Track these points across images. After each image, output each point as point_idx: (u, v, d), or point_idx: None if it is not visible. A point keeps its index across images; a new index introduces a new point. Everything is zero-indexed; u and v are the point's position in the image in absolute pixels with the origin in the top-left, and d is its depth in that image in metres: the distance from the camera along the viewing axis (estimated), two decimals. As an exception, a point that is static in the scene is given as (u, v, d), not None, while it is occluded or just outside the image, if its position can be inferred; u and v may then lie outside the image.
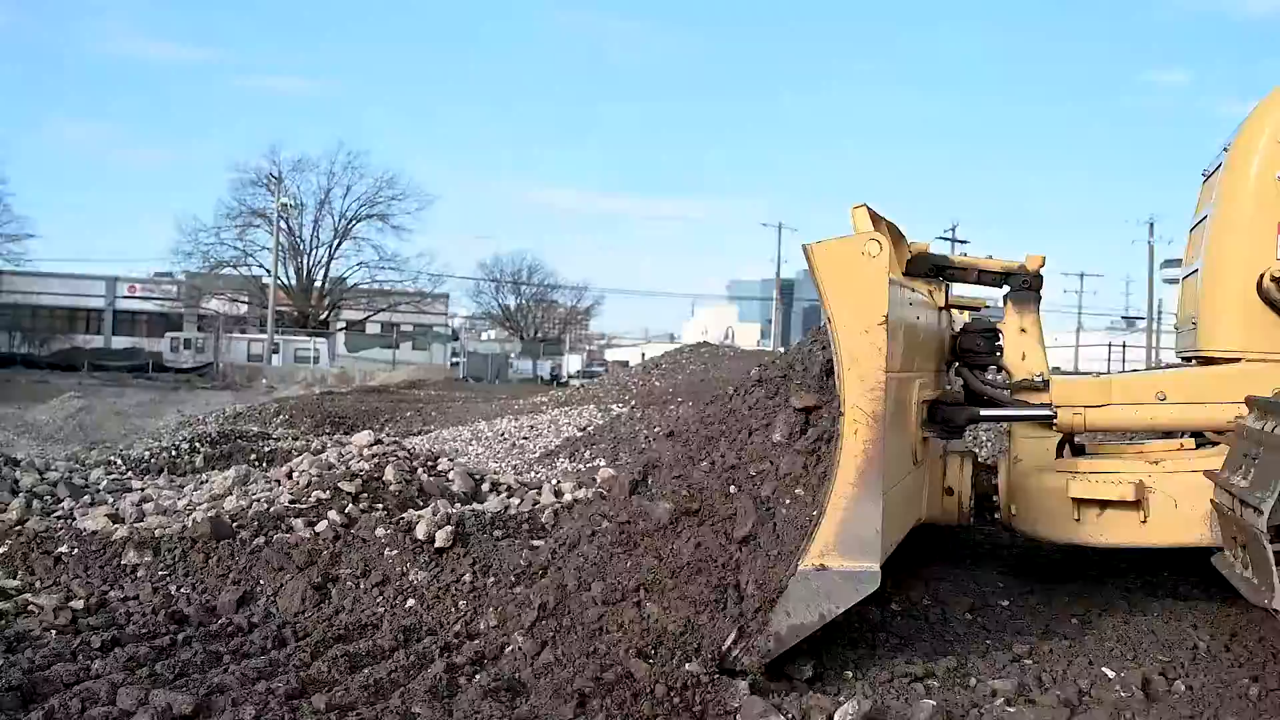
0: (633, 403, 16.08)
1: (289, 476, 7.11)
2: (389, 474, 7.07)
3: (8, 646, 4.48)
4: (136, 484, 7.92)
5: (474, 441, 13.56)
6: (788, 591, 4.07)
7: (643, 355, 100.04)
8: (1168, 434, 6.47)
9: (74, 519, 6.46)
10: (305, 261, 65.61)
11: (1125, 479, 5.69)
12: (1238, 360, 5.84)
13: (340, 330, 67.92)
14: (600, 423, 14.04)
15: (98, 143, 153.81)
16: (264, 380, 45.19)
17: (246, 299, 66.02)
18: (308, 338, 61.13)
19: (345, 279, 67.22)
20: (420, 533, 5.87)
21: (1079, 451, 6.41)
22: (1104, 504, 5.75)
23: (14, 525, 6.17)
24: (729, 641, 4.12)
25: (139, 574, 5.65)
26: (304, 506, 6.44)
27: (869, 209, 5.65)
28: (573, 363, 77.16)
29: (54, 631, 4.78)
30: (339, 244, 66.26)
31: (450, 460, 8.50)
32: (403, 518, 6.23)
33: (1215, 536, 5.42)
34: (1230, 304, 5.85)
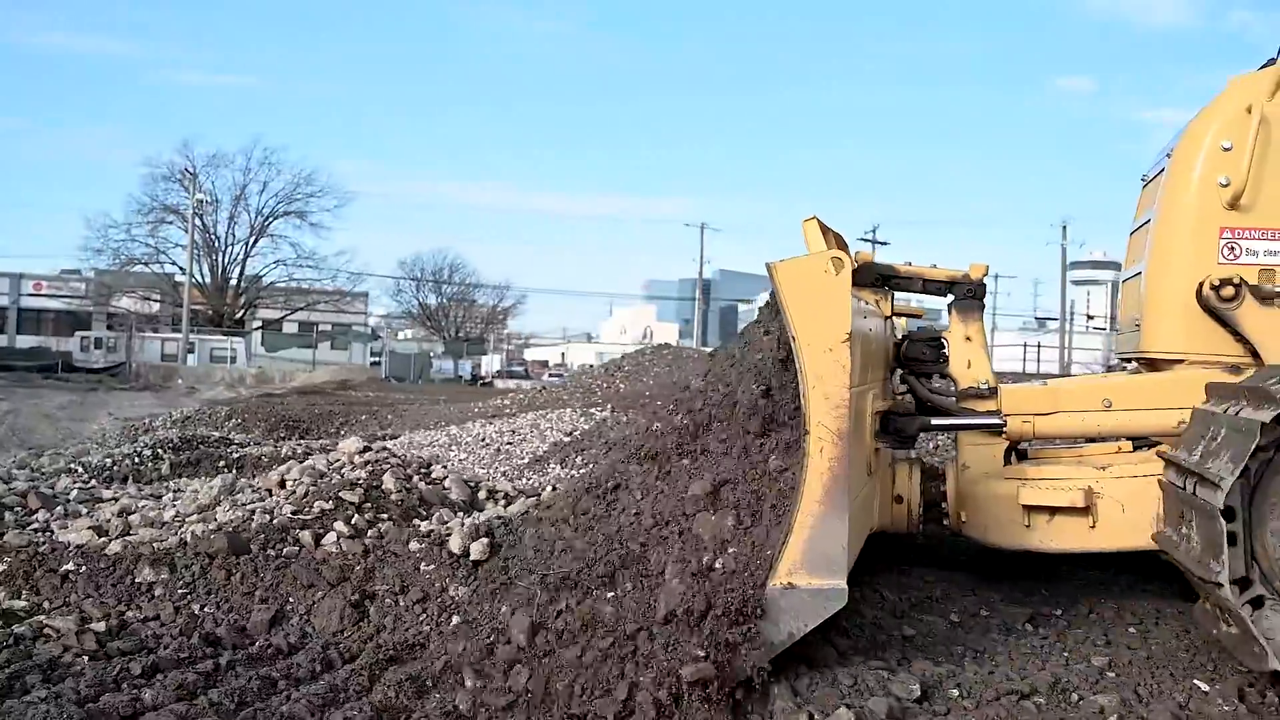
0: (610, 406, 15.88)
1: (281, 485, 6.88)
2: (388, 482, 6.86)
3: (44, 675, 4.25)
4: (107, 493, 7.59)
5: (454, 447, 13.13)
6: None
7: (562, 355, 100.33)
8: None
9: (52, 531, 6.16)
10: (220, 259, 64.33)
11: (1074, 485, 5.76)
12: (1180, 362, 5.94)
13: (256, 329, 66.62)
14: (586, 427, 13.80)
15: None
16: (179, 380, 44.17)
17: (159, 297, 64.48)
18: (224, 337, 59.87)
19: (261, 277, 66.05)
20: (455, 545, 5.69)
21: (1022, 457, 6.49)
22: (1054, 510, 5.82)
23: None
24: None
25: (156, 592, 5.39)
26: (308, 518, 6.20)
27: (819, 221, 5.65)
28: (491, 363, 76.77)
29: (86, 657, 4.52)
30: (255, 241, 65.10)
31: (444, 467, 8.24)
32: (432, 530, 6.05)
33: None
34: (1172, 308, 5.94)
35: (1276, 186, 5.72)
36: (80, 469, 9.42)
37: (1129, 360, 6.87)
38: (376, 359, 68.31)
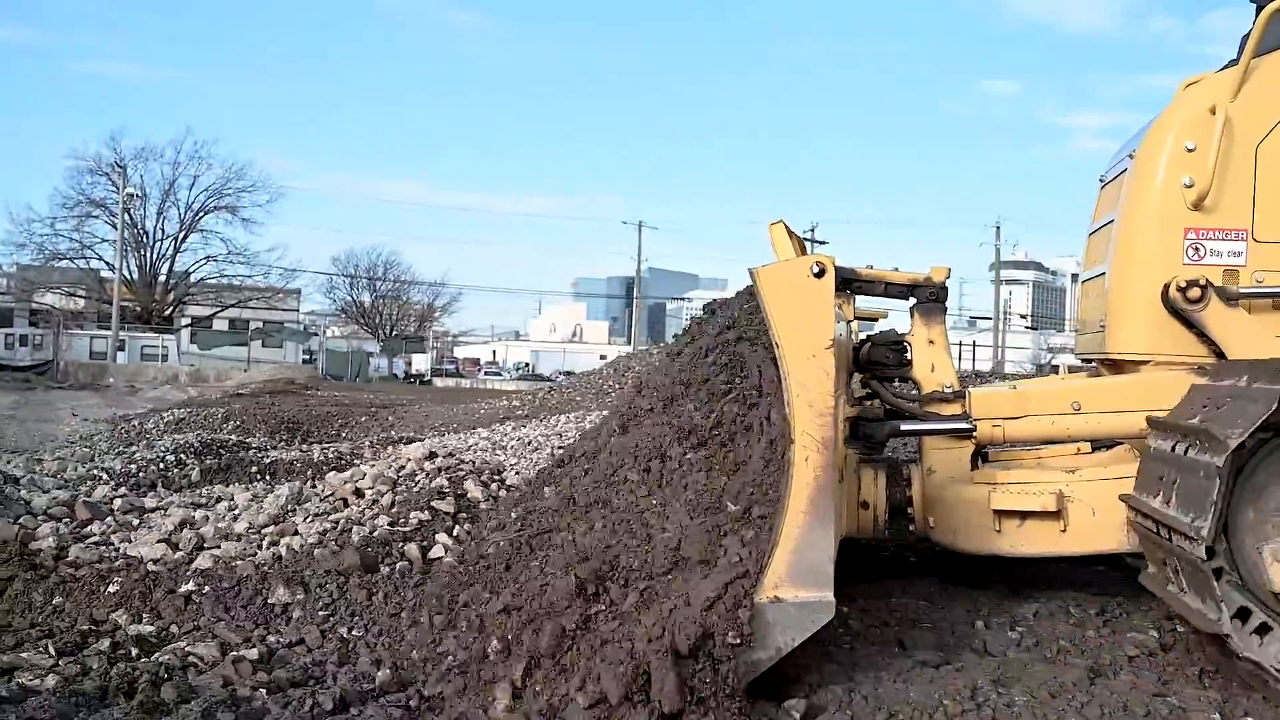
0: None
1: (358, 495, 6.64)
2: (473, 490, 6.66)
3: (235, 714, 3.82)
4: (149, 501, 7.25)
5: (499, 450, 12.60)
6: (743, 627, 3.91)
7: (494, 353, 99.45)
8: None
9: (112, 544, 5.83)
10: (149, 255, 62.99)
11: (1045, 489, 5.71)
12: (1145, 363, 5.93)
13: (185, 326, 65.29)
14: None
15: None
16: (110, 379, 43.12)
17: (84, 293, 62.96)
18: (155, 335, 58.62)
19: (191, 273, 64.83)
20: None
21: (983, 460, 6.45)
22: (1024, 514, 5.78)
23: (58, 555, 5.50)
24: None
25: (294, 614, 5.10)
26: (407, 529, 5.95)
27: (785, 225, 5.54)
28: (424, 361, 76.11)
29: (263, 690, 4.14)
30: (185, 237, 63.88)
31: (516, 473, 8.02)
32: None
33: (1132, 543, 5.50)
34: (1137, 309, 5.91)
35: (1239, 187, 5.73)
36: (104, 475, 9.03)
37: (1089, 361, 6.87)
38: (309, 357, 67.36)
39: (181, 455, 10.52)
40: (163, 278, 63.87)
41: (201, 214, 63.78)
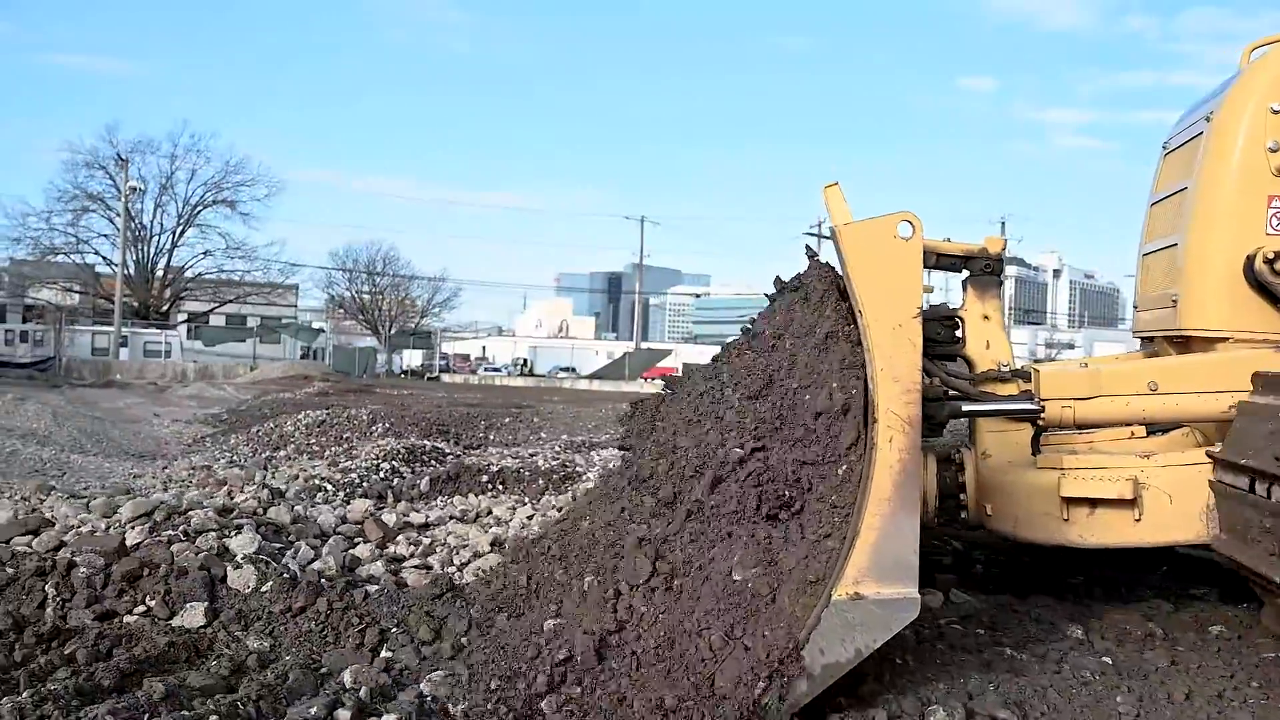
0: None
1: None
2: None
3: None
4: (414, 518, 7.16)
5: None
6: (821, 625, 3.48)
7: (483, 349, 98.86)
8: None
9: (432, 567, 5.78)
10: (146, 250, 62.34)
11: (1120, 475, 5.25)
12: (1224, 340, 5.52)
13: (184, 323, 64.68)
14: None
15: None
16: (118, 376, 42.57)
17: (80, 289, 62.28)
18: (157, 331, 58.04)
19: (188, 268, 64.21)
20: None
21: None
22: (1095, 502, 5.34)
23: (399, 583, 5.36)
24: (759, 689, 3.51)
25: None
26: None
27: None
28: (413, 358, 75.75)
29: None
30: (183, 231, 63.26)
31: None
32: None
33: (1211, 532, 5.08)
34: (1216, 283, 5.51)
35: None
36: (329, 487, 8.71)
37: (1149, 339, 6.44)
38: (305, 353, 66.75)
39: (393, 464, 10.20)
40: (160, 273, 63.23)
41: (200, 208, 63.23)
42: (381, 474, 9.71)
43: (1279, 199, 5.39)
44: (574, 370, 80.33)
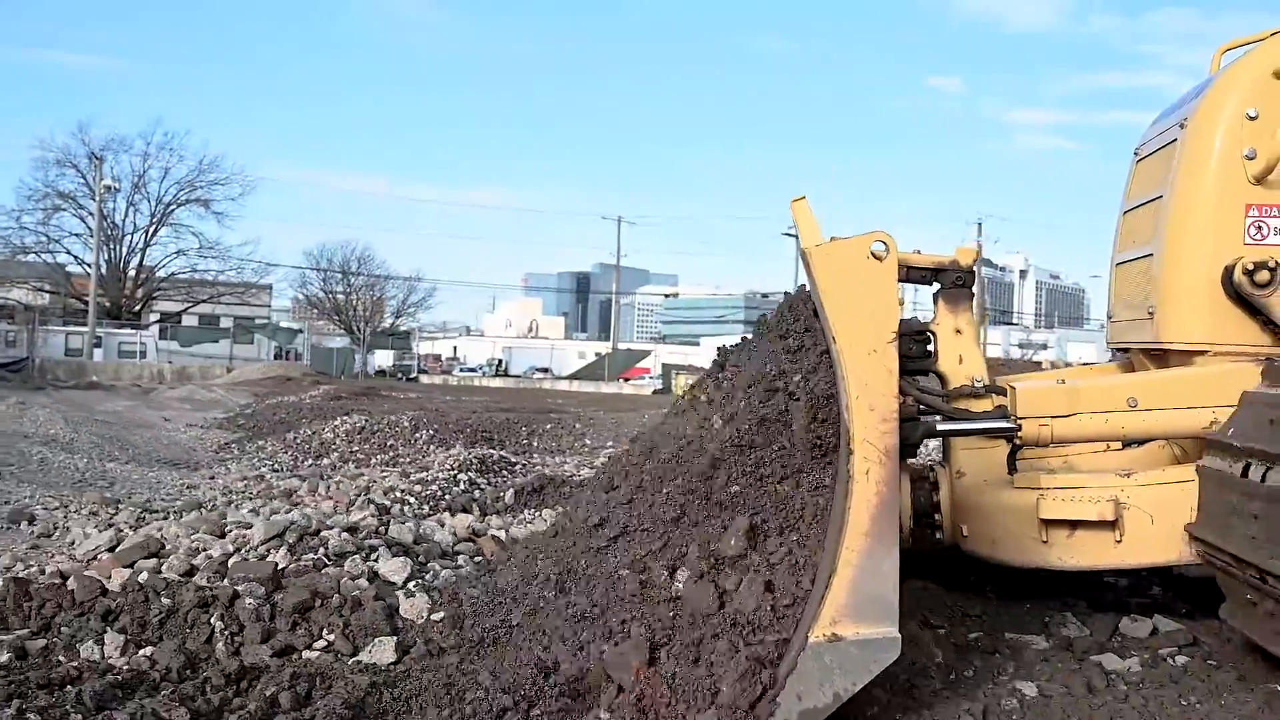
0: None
1: None
2: None
3: None
4: (518, 531, 7.02)
5: None
6: (797, 669, 3.33)
7: (454, 349, 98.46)
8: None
9: None
10: (119, 249, 61.67)
11: (1100, 496, 5.13)
12: (1203, 353, 5.41)
13: (156, 323, 63.98)
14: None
15: None
16: (94, 377, 41.89)
17: (50, 288, 61.50)
18: (132, 331, 57.41)
19: (160, 267, 63.59)
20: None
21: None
22: (1074, 524, 5.21)
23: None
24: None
25: None
26: None
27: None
28: (385, 358, 75.36)
29: None
30: (156, 230, 62.60)
31: None
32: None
33: (1192, 554, 4.97)
34: (1194, 294, 5.40)
35: None
36: (412, 500, 8.50)
37: (1123, 350, 6.33)
38: (279, 353, 66.19)
39: (470, 475, 10.03)
40: (133, 273, 62.58)
41: (173, 207, 62.60)
42: (461, 485, 9.54)
43: (1256, 208, 5.28)
44: (550, 371, 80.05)
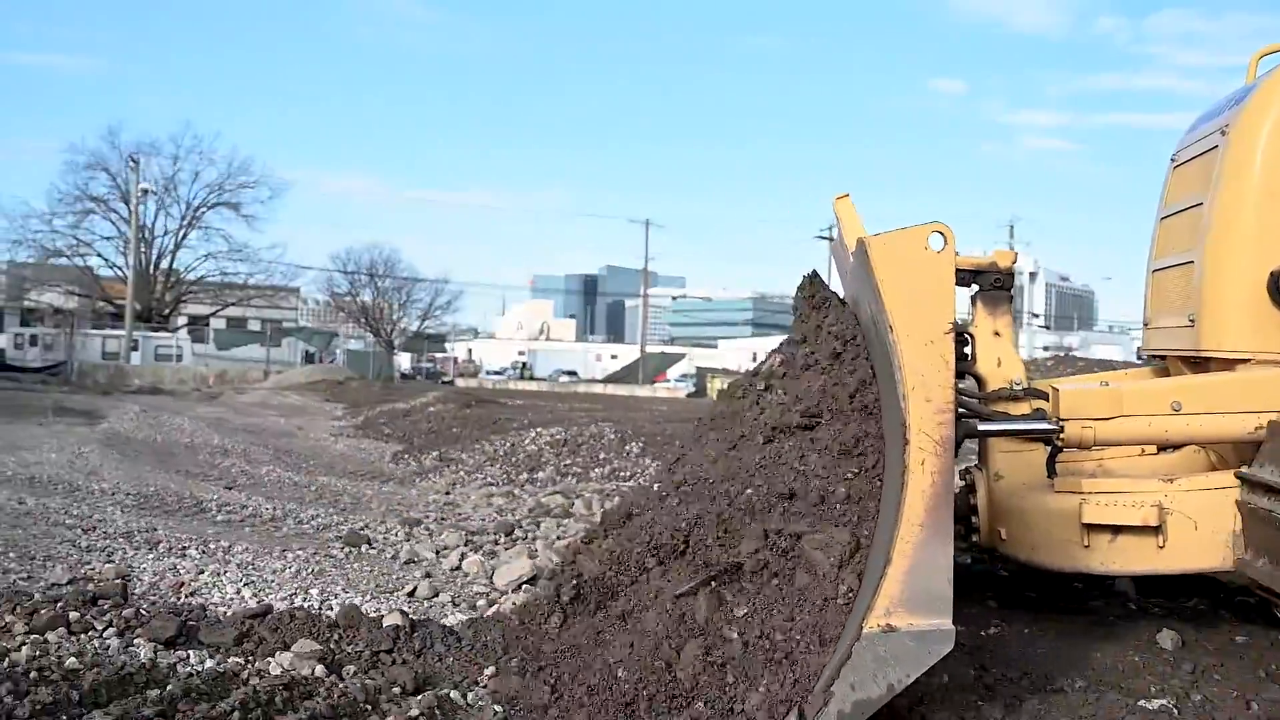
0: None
1: None
2: None
3: None
4: None
5: None
6: (852, 659, 3.35)
7: (469, 351, 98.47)
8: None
9: None
10: (149, 252, 62.05)
11: (1144, 501, 5.12)
12: (1245, 361, 5.39)
13: (183, 326, 64.30)
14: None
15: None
16: (137, 381, 41.87)
17: (80, 292, 61.87)
18: (168, 335, 57.72)
19: (189, 271, 63.93)
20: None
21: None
22: (1117, 529, 5.20)
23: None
24: (789, 723, 3.39)
25: None
26: None
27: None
28: (402, 360, 75.70)
29: None
30: (186, 234, 62.97)
31: None
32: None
33: (1236, 561, 4.96)
34: (1237, 302, 5.39)
35: None
36: None
37: (1159, 357, 6.31)
38: (308, 357, 66.47)
39: None
40: (163, 276, 62.90)
41: (203, 210, 62.95)
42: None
43: None
44: (576, 374, 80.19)
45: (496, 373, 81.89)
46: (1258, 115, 5.42)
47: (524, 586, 6.08)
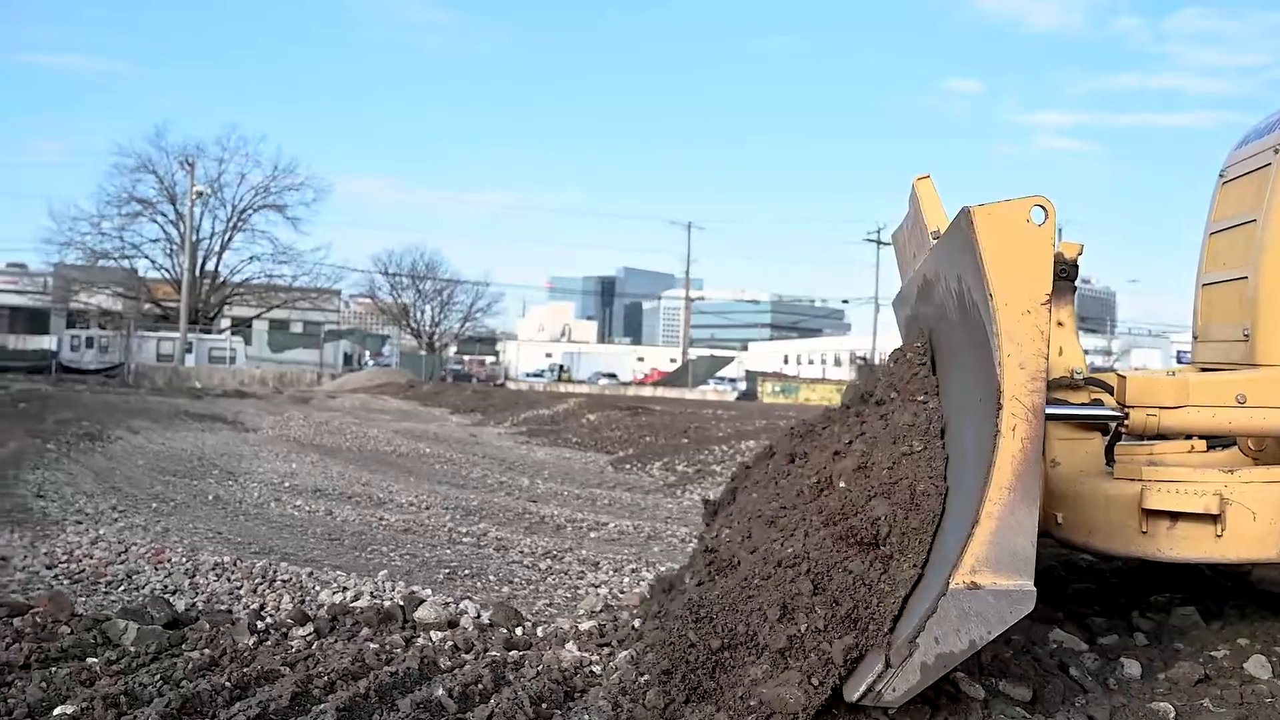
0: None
1: None
2: None
3: None
4: None
5: None
6: (937, 614, 3.50)
7: (497, 352, 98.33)
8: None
9: None
10: (195, 254, 62.78)
11: (1205, 490, 5.22)
12: None
13: (229, 328, 64.91)
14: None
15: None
16: (197, 383, 42.10)
17: (127, 293, 62.50)
18: (220, 337, 58.30)
19: (234, 273, 64.54)
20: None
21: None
22: (1175, 516, 5.31)
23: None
24: (873, 675, 3.54)
25: None
26: None
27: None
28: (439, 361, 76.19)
29: None
30: (231, 236, 63.54)
31: None
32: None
33: (1290, 552, 5.07)
34: None
35: None
36: None
37: (1214, 370, 6.41)
38: (349, 359, 67.07)
39: None
40: (208, 278, 63.43)
41: (249, 212, 63.51)
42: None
43: None
44: (615, 377, 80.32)
45: (536, 375, 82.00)
46: None
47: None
